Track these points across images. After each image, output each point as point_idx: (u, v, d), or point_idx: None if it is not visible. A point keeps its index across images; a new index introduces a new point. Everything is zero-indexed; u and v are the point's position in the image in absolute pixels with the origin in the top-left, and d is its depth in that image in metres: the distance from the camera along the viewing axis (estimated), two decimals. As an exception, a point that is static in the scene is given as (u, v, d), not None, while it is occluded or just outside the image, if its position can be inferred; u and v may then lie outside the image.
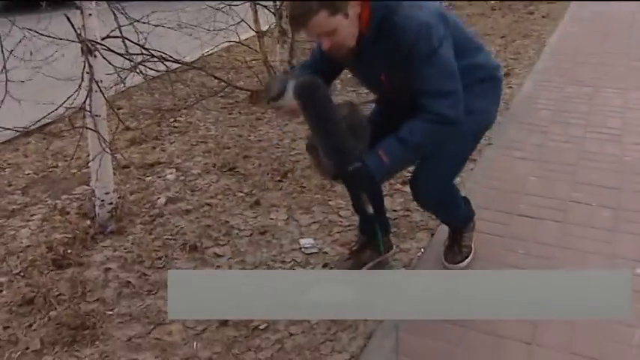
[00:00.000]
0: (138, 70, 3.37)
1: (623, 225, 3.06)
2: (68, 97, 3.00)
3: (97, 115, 3.04)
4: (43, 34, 3.11)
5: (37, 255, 3.02)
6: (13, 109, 3.18)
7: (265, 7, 5.03)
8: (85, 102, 2.99)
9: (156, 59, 3.50)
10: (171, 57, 3.71)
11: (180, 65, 4.37)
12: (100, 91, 3.01)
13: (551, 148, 3.96)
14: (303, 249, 3.03)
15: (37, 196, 3.69)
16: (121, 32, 3.14)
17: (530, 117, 4.51)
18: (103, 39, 3.06)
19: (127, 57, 3.22)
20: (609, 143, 4.00)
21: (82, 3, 2.93)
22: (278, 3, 4.89)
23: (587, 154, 3.86)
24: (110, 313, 2.61)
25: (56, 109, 3.06)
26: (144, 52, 3.38)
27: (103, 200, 3.24)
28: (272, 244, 3.09)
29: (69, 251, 3.01)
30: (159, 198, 3.57)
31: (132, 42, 3.25)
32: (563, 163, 3.75)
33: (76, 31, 2.96)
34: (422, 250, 2.96)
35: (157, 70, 3.62)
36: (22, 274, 2.90)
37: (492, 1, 8.98)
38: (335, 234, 3.15)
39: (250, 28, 5.21)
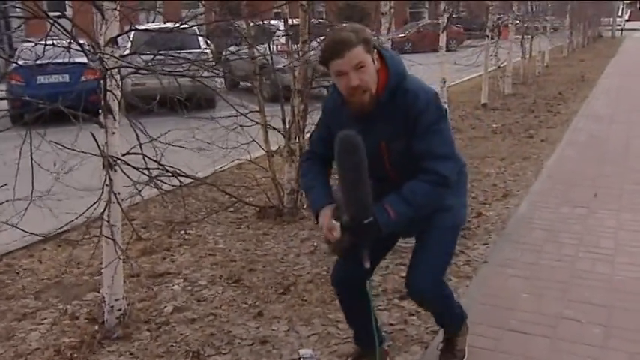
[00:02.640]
0: (153, 184, 3.59)
1: (613, 342, 3.14)
2: (88, 208, 3.23)
3: (113, 226, 3.25)
4: (67, 148, 3.39)
5: (45, 358, 3.14)
6: (35, 214, 3.40)
7: (275, 128, 5.36)
8: (103, 212, 3.21)
9: (170, 174, 3.73)
10: (184, 173, 3.96)
11: (192, 180, 4.63)
12: (118, 203, 3.24)
13: (544, 267, 4.10)
14: (302, 359, 3.13)
15: (48, 300, 3.84)
16: (141, 149, 3.40)
17: (525, 236, 4.68)
18: (123, 155, 3.32)
19: (144, 172, 3.46)
20: (601, 262, 4.13)
21: (106, 122, 3.23)
22: (287, 125, 5.21)
23: (579, 273, 3.98)
24: (112, 416, 2.69)
25: (77, 219, 3.28)
26: (159, 167, 3.62)
27: (112, 306, 3.39)
28: (272, 354, 3.18)
29: (76, 355, 3.13)
30: (166, 306, 3.71)
31: (149, 158, 3.50)
32: (555, 280, 3.87)
33: (99, 147, 3.23)
34: (415, 362, 3.06)
35: (171, 185, 3.85)
36: (28, 376, 3.01)
37: (495, 126, 9.40)
38: (333, 345, 3.25)
39: (260, 147, 5.52)
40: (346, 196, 2.42)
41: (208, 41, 11.78)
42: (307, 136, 5.61)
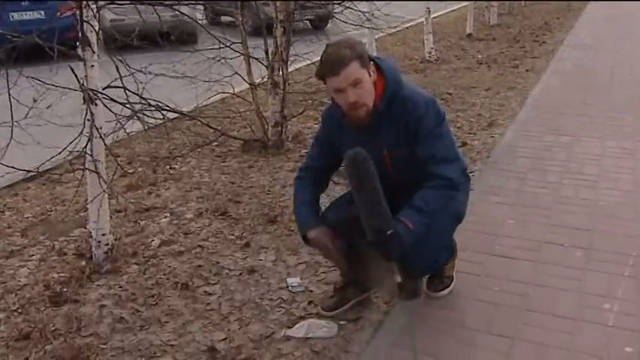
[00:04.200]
0: (136, 118, 3.53)
1: (594, 264, 3.21)
2: (70, 142, 3.18)
3: (97, 160, 3.21)
4: (47, 83, 3.31)
5: (35, 293, 3.16)
6: (17, 152, 3.35)
7: (258, 60, 5.26)
8: (85, 147, 3.16)
9: (153, 108, 3.67)
10: (168, 106, 3.90)
11: (176, 115, 4.57)
12: (101, 137, 3.20)
13: (528, 194, 4.14)
14: (290, 288, 3.17)
15: (35, 237, 3.83)
16: (122, 82, 3.33)
17: (510, 164, 4.71)
18: (104, 89, 3.25)
19: (127, 106, 3.40)
20: (585, 189, 4.18)
21: (84, 55, 3.14)
22: (270, 57, 5.12)
23: (562, 199, 4.03)
24: (104, 346, 2.73)
25: (59, 154, 3.23)
26: (142, 101, 3.55)
27: (99, 241, 3.39)
28: (260, 283, 3.22)
29: (65, 289, 3.15)
30: (153, 240, 3.72)
31: (131, 92, 3.43)
32: (539, 207, 3.92)
33: (79, 81, 3.16)
34: (402, 287, 3.10)
35: (154, 118, 3.79)
36: (19, 310, 3.02)
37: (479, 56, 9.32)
38: (321, 274, 3.29)
39: (244, 80, 5.44)
40: (368, 213, 2.45)
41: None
42: (291, 68, 5.55)
